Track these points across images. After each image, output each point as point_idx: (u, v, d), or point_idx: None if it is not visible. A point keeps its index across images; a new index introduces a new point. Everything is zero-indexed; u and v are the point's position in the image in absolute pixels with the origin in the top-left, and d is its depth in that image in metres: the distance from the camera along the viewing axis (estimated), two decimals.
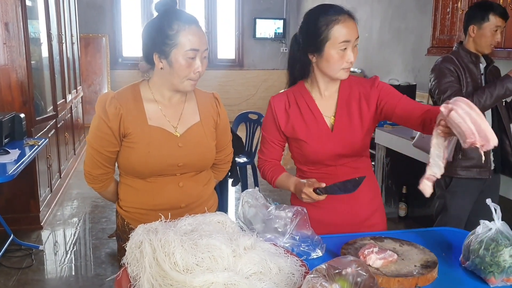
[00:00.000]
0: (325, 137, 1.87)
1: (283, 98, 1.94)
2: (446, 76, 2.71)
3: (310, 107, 1.90)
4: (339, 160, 1.90)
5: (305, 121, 1.89)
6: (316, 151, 1.88)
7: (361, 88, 1.90)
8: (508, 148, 2.83)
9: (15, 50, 3.99)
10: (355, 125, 1.87)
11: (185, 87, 1.70)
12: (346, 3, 7.59)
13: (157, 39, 1.65)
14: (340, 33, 1.74)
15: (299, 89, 1.93)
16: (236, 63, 10.03)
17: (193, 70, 1.66)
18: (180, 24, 1.63)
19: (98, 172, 1.80)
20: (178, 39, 1.62)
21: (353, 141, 1.88)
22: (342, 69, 1.79)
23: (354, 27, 1.78)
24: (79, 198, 5.17)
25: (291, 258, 1.43)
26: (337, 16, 1.75)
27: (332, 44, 1.76)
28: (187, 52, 1.63)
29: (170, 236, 1.35)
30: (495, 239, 1.44)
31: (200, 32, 1.67)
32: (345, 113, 1.88)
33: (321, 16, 1.78)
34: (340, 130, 1.87)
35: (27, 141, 3.75)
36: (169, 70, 1.67)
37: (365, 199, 1.97)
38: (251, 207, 1.71)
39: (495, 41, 2.73)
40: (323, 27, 1.76)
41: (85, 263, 3.72)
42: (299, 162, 1.99)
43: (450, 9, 4.17)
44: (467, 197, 2.84)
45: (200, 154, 1.80)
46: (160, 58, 1.66)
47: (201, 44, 1.65)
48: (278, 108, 1.93)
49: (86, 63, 8.79)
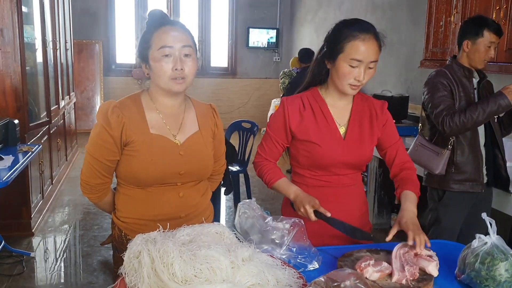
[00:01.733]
0: (337, 144, 1.91)
1: (298, 100, 1.95)
2: (439, 90, 2.74)
3: (324, 113, 1.93)
4: (344, 169, 1.94)
5: (318, 125, 1.92)
6: (327, 155, 1.90)
7: (371, 107, 1.97)
8: (500, 162, 2.86)
9: (10, 56, 3.98)
10: (365, 138, 1.93)
11: (171, 86, 1.69)
12: (339, 13, 7.68)
13: (140, 48, 1.71)
14: (354, 50, 1.76)
15: (313, 94, 1.96)
16: (229, 72, 10.07)
17: (171, 68, 1.65)
18: (155, 27, 1.68)
19: (96, 182, 1.79)
20: (152, 40, 1.67)
21: (361, 153, 1.93)
22: (349, 84, 1.81)
23: (373, 49, 1.77)
24: (70, 204, 5.15)
25: (289, 270, 1.43)
26: (359, 33, 1.76)
27: (344, 58, 1.78)
28: (159, 50, 1.65)
29: (169, 246, 1.35)
30: (490, 253, 1.46)
31: (174, 30, 1.68)
32: (357, 125, 1.94)
33: (345, 28, 1.80)
34: (351, 139, 1.92)
35: (20, 147, 3.74)
36: (152, 74, 1.70)
37: (356, 212, 2.02)
38: (248, 218, 1.72)
39: (489, 57, 2.76)
40: (342, 39, 1.79)
41: (76, 271, 3.69)
42: (302, 166, 1.98)
43: (443, 22, 4.22)
44: (459, 210, 2.86)
45: (200, 163, 1.81)
46: (146, 66, 1.71)
47: (175, 41, 1.66)
48: (292, 109, 1.93)
49: (79, 69, 8.78)
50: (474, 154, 2.80)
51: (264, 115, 9.72)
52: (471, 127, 2.68)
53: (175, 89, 1.70)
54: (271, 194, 5.79)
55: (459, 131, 2.70)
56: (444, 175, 2.82)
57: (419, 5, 5.36)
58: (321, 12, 8.51)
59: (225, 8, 9.90)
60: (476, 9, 3.77)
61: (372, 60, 1.77)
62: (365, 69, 1.78)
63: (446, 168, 2.80)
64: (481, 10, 3.69)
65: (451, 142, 2.80)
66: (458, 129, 2.66)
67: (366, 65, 1.77)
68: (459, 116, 2.63)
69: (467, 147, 2.80)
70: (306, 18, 9.20)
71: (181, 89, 1.71)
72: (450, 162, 2.80)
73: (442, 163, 2.79)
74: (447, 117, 2.66)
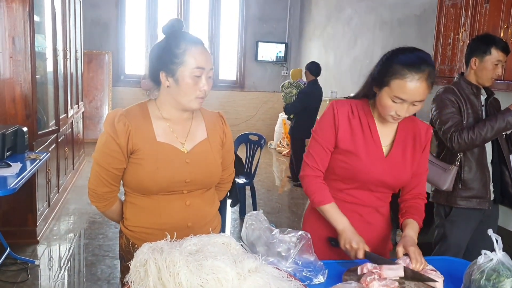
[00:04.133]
0: (378, 160, 1.87)
1: (347, 106, 1.90)
2: (448, 107, 2.75)
3: (370, 127, 1.89)
4: (379, 187, 1.90)
5: (364, 137, 1.88)
6: (367, 170, 1.85)
7: (416, 129, 1.93)
8: (507, 179, 2.86)
9: (21, 64, 4.03)
10: (407, 161, 1.90)
11: (192, 105, 1.73)
12: (348, 29, 7.73)
13: (165, 58, 1.69)
14: (400, 89, 1.69)
15: (362, 105, 1.91)
16: (237, 84, 10.12)
17: (199, 88, 1.70)
18: (187, 44, 1.69)
19: (103, 190, 1.80)
20: (185, 58, 1.67)
21: (401, 174, 1.89)
22: (390, 115, 1.77)
23: (421, 91, 1.69)
24: (76, 213, 5.16)
25: (295, 282, 1.43)
26: (409, 72, 1.68)
27: (388, 91, 1.73)
28: (193, 70, 1.67)
29: (175, 256, 1.35)
30: (496, 270, 1.46)
31: (206, 52, 1.72)
32: (401, 146, 1.90)
33: (397, 63, 1.71)
34: (393, 159, 1.88)
35: (28, 155, 3.76)
36: (175, 88, 1.71)
37: (382, 233, 2.00)
38: (255, 229, 1.71)
39: (496, 75, 2.78)
40: (390, 73, 1.72)
41: (80, 279, 3.69)
42: (338, 177, 1.93)
43: (451, 40, 4.24)
44: (466, 227, 2.85)
45: (207, 171, 1.82)
46: (167, 77, 1.71)
47: (207, 63, 1.70)
48: (341, 113, 1.88)
49: (88, 79, 8.85)
50: (481, 171, 2.80)
51: (271, 129, 9.75)
52: (479, 143, 2.68)
53: (196, 108, 1.75)
54: (277, 208, 5.79)
55: (467, 148, 2.70)
56: (451, 192, 2.82)
57: (427, 23, 5.39)
58: (329, 27, 8.56)
59: (235, 22, 9.99)
60: (484, 27, 3.80)
61: (418, 100, 1.71)
62: (409, 106, 1.73)
63: (453, 184, 2.80)
64: (489, 28, 3.71)
65: (459, 158, 2.80)
66: (467, 145, 2.66)
67: (409, 103, 1.72)
68: (468, 133, 2.64)
69: (474, 163, 2.80)
70: (314, 33, 9.26)
71: (199, 107, 1.77)
72: (457, 179, 2.80)
73: (449, 179, 2.79)
74: (455, 133, 2.66)
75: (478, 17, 3.89)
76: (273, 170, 7.98)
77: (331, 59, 8.44)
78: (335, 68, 8.26)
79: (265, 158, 8.69)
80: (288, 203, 6.11)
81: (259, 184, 6.66)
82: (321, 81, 6.83)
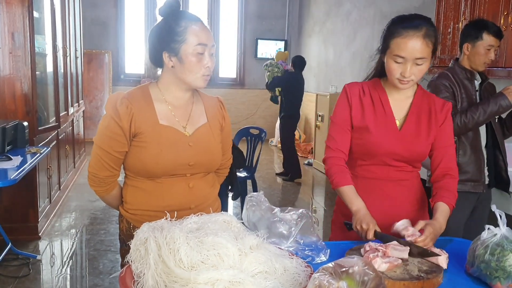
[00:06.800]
0: (391, 134, 1.90)
1: (358, 86, 1.97)
2: (442, 92, 2.75)
3: (382, 102, 1.93)
4: (395, 162, 1.91)
5: (375, 113, 1.92)
6: (379, 144, 1.88)
7: (432, 104, 1.95)
8: (501, 163, 2.89)
9: (20, 60, 4.02)
10: (422, 133, 1.91)
11: (198, 83, 1.73)
12: (347, 24, 7.71)
13: (166, 37, 1.68)
14: (397, 47, 1.77)
15: (374, 84, 1.97)
16: (237, 82, 10.12)
17: (203, 65, 1.69)
18: (187, 21, 1.68)
19: (104, 174, 1.78)
20: (186, 35, 1.66)
21: (415, 147, 1.90)
22: (397, 79, 1.81)
23: (418, 46, 1.75)
24: (77, 210, 5.15)
25: (296, 259, 1.42)
26: (404, 30, 1.76)
27: (389, 53, 1.81)
28: (196, 47, 1.67)
29: (175, 233, 1.34)
30: (500, 244, 1.44)
31: (206, 29, 1.72)
32: (415, 119, 1.92)
33: (394, 25, 1.82)
34: (407, 132, 1.90)
35: (29, 149, 3.75)
36: (180, 67, 1.69)
37: (408, 207, 1.97)
38: (256, 211, 1.71)
39: (489, 59, 2.79)
40: (388, 35, 1.81)
41: (82, 273, 3.69)
42: (354, 154, 1.97)
43: (451, 29, 4.22)
44: (461, 211, 2.84)
45: (209, 154, 1.81)
46: (170, 56, 1.69)
47: (209, 39, 1.70)
48: (353, 94, 1.95)
49: (88, 79, 8.85)
50: (476, 154, 2.82)
51: (271, 126, 9.73)
52: (472, 127, 2.71)
53: (202, 85, 1.74)
54: (278, 202, 5.78)
55: (460, 131, 2.72)
56: None
57: (427, 12, 5.35)
58: (329, 23, 8.55)
59: (234, 20, 9.99)
60: (484, 15, 3.78)
61: (418, 57, 1.75)
62: (411, 66, 1.77)
63: None
64: (489, 16, 3.69)
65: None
66: (460, 129, 2.68)
67: (412, 61, 1.76)
68: (461, 117, 2.67)
69: (469, 147, 2.81)
70: (314, 29, 9.25)
71: (205, 85, 1.75)
72: None
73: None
74: None
75: (478, 5, 3.87)
76: (274, 166, 7.97)
77: (330, 54, 8.42)
78: (335, 63, 8.25)
79: (266, 155, 8.68)
80: (291, 199, 6.09)
81: (261, 180, 6.65)
82: (322, 76, 6.83)
